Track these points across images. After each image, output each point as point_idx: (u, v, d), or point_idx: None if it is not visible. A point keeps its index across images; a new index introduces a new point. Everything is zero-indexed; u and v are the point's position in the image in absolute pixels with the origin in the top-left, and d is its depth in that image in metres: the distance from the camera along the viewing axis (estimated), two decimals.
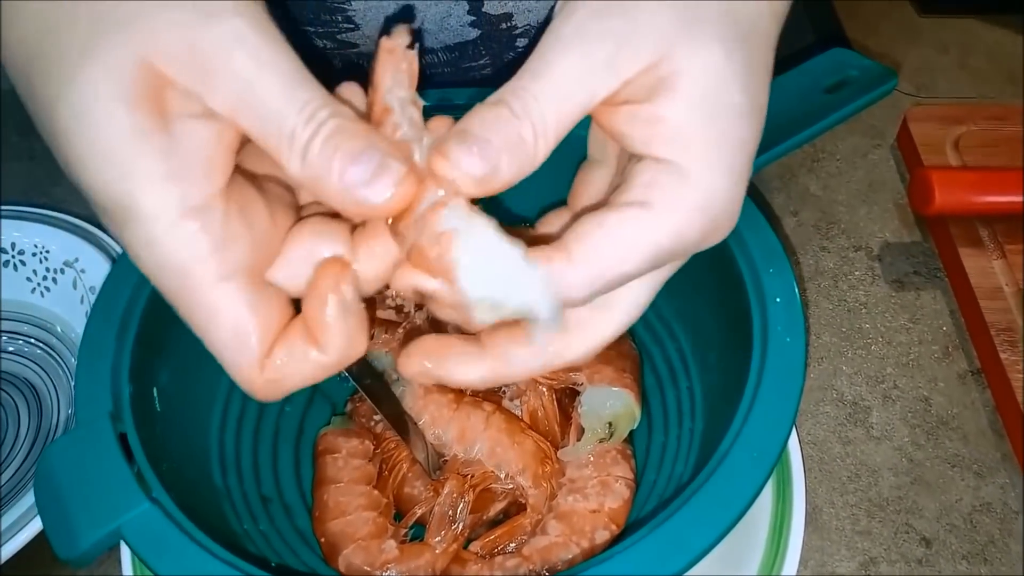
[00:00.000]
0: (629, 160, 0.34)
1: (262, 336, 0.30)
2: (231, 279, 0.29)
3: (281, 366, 0.30)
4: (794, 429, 0.52)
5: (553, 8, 0.33)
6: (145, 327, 0.43)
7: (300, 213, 0.33)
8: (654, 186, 0.31)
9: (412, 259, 0.30)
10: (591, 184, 0.39)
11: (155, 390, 0.44)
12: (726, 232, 0.33)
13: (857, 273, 0.67)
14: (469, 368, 0.34)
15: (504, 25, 0.60)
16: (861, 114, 0.79)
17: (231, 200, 0.29)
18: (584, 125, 0.34)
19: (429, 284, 0.31)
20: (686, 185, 0.31)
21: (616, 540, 0.46)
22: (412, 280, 0.31)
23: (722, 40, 0.31)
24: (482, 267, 0.29)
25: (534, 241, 0.31)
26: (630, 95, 0.31)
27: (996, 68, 0.84)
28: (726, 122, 0.31)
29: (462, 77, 0.65)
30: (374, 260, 0.32)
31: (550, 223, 0.38)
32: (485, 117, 0.30)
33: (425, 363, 0.34)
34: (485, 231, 0.29)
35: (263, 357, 0.30)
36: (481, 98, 0.31)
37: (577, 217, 0.33)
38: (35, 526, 0.49)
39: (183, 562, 0.35)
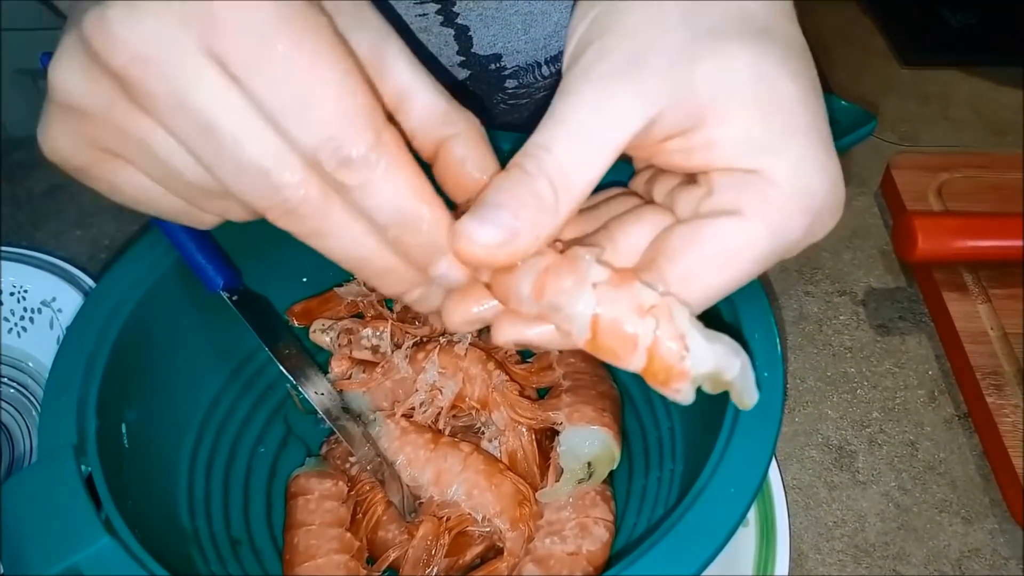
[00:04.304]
0: None
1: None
2: None
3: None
4: (778, 473, 0.51)
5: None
6: (115, 362, 0.43)
7: None
8: (741, 190, 0.30)
9: (651, 369, 0.29)
10: None
11: (123, 426, 0.43)
12: (835, 217, 0.32)
13: (842, 318, 0.66)
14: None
15: (493, 66, 0.61)
16: (845, 163, 0.80)
17: None
18: None
19: (535, 336, 0.32)
20: (773, 187, 0.30)
21: None
22: (515, 336, 0.32)
23: (745, 39, 0.30)
24: (700, 361, 0.29)
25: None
26: (672, 128, 0.30)
27: (978, 119, 0.85)
28: (787, 115, 0.30)
29: None
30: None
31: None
32: (497, 184, 0.30)
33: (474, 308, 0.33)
34: (698, 333, 0.29)
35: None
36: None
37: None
38: None
39: None
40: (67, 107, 0.30)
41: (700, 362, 0.29)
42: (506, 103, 0.67)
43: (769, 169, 0.30)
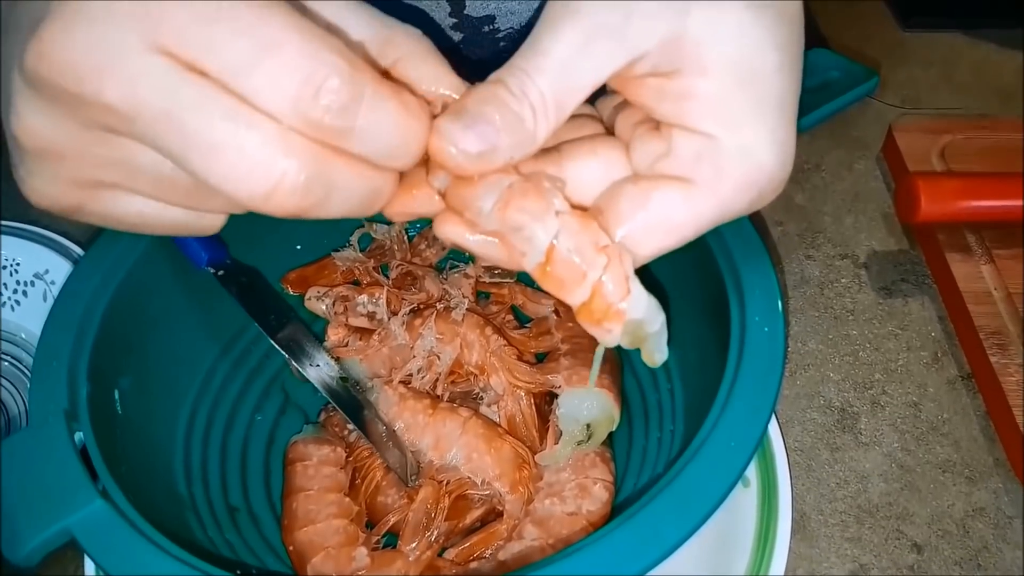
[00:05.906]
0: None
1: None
2: None
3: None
4: (780, 436, 0.51)
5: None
6: (106, 328, 0.42)
7: None
8: (697, 161, 0.30)
9: (589, 305, 0.30)
10: None
11: (116, 392, 0.42)
12: (777, 191, 0.32)
13: (844, 281, 0.66)
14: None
15: (487, 28, 0.60)
16: (846, 127, 0.79)
17: None
18: None
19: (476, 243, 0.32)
20: (730, 159, 0.30)
21: None
22: (456, 237, 0.32)
23: None
24: (637, 306, 0.31)
25: None
26: (653, 68, 0.30)
27: (980, 82, 0.83)
28: (763, 85, 0.30)
29: None
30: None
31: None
32: (482, 95, 0.29)
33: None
34: (638, 284, 0.31)
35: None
36: None
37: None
38: None
39: (137, 562, 0.34)
40: (39, 152, 0.28)
41: (636, 307, 0.30)
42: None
43: (728, 140, 0.30)
